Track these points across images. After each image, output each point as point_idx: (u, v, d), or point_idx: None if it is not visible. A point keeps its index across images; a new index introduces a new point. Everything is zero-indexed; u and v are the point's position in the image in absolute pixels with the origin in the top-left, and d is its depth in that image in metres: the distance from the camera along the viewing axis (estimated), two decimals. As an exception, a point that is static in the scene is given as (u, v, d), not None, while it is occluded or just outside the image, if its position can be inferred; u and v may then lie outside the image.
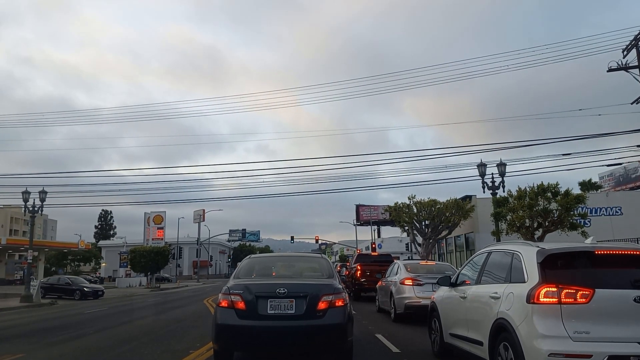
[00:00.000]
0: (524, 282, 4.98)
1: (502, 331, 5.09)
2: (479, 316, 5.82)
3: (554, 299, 4.55)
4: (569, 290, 4.54)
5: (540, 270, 4.84)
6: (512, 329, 4.84)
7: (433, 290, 10.10)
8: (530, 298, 4.67)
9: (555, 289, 4.58)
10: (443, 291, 7.60)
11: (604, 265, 4.87)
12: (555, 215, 18.73)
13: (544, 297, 4.60)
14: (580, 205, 18.96)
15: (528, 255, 5.19)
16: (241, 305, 6.26)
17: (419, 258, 30.75)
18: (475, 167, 22.66)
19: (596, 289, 4.49)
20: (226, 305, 6.36)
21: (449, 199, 33.04)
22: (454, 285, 7.13)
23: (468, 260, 7.28)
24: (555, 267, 4.86)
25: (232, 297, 6.35)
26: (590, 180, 56.96)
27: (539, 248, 5.14)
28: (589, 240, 5.64)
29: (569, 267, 4.92)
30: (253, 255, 8.46)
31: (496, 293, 5.42)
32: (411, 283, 12.12)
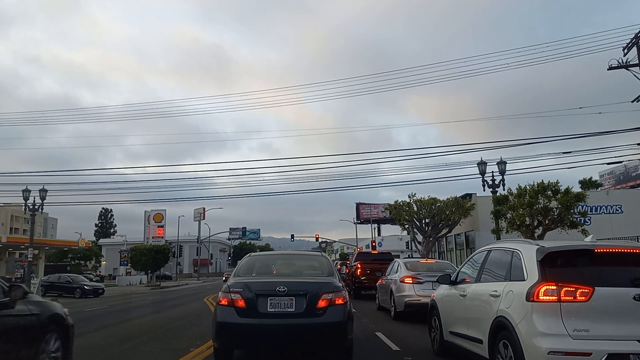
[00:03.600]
0: (524, 280, 4.98)
1: (501, 329, 5.10)
2: (479, 314, 5.83)
3: (554, 297, 4.56)
4: (569, 289, 4.55)
5: (540, 269, 4.84)
6: (512, 327, 4.84)
7: (433, 289, 10.10)
8: (530, 296, 4.68)
9: (554, 287, 4.58)
10: (443, 289, 7.61)
11: (603, 263, 4.87)
12: (556, 214, 18.75)
13: (544, 295, 4.60)
14: (580, 203, 18.98)
15: (528, 253, 5.19)
16: (241, 303, 6.27)
17: (419, 256, 30.77)
18: (476, 165, 22.66)
19: (596, 287, 4.49)
20: (226, 303, 6.36)
21: (449, 197, 33.09)
22: (454, 283, 7.13)
23: (468, 258, 7.28)
24: (554, 265, 4.87)
25: (232, 295, 6.35)
26: (590, 178, 56.95)
27: (538, 246, 5.14)
28: (588, 239, 5.65)
29: (568, 265, 4.93)
30: (253, 254, 8.46)
31: (496, 291, 5.42)
32: (411, 281, 12.13)
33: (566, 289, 4.55)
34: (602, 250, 4.88)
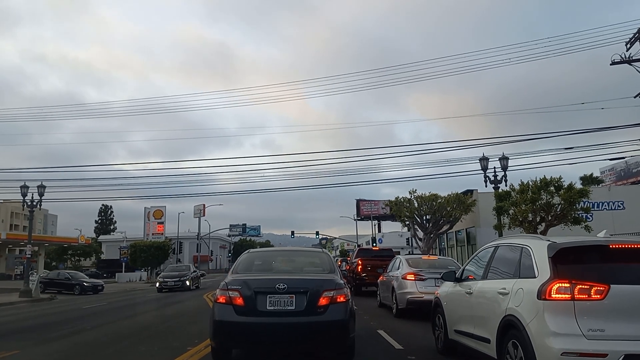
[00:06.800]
0: (534, 277, 4.78)
1: (510, 328, 4.91)
2: (486, 312, 5.63)
3: (567, 295, 4.35)
4: (583, 286, 4.34)
5: (552, 265, 4.63)
6: (522, 326, 4.65)
7: (436, 285, 9.94)
8: (542, 294, 4.48)
9: (568, 285, 4.38)
10: (447, 286, 7.42)
11: (619, 260, 4.66)
12: (558, 210, 18.56)
13: (556, 293, 4.40)
14: (583, 199, 18.79)
15: (538, 249, 4.98)
16: (239, 301, 6.07)
17: (420, 253, 30.61)
18: (478, 161, 22.42)
19: (611, 285, 4.29)
20: (224, 301, 6.17)
21: (450, 193, 32.89)
22: (458, 280, 6.94)
23: (473, 255, 7.08)
24: (567, 262, 4.66)
25: (230, 292, 6.15)
26: (591, 174, 56.75)
27: (549, 242, 4.93)
28: (601, 234, 5.44)
29: (581, 262, 4.71)
30: (252, 250, 8.27)
31: (504, 289, 5.22)
32: (413, 278, 11.94)
33: (580, 286, 4.34)
34: (618, 246, 4.67)
